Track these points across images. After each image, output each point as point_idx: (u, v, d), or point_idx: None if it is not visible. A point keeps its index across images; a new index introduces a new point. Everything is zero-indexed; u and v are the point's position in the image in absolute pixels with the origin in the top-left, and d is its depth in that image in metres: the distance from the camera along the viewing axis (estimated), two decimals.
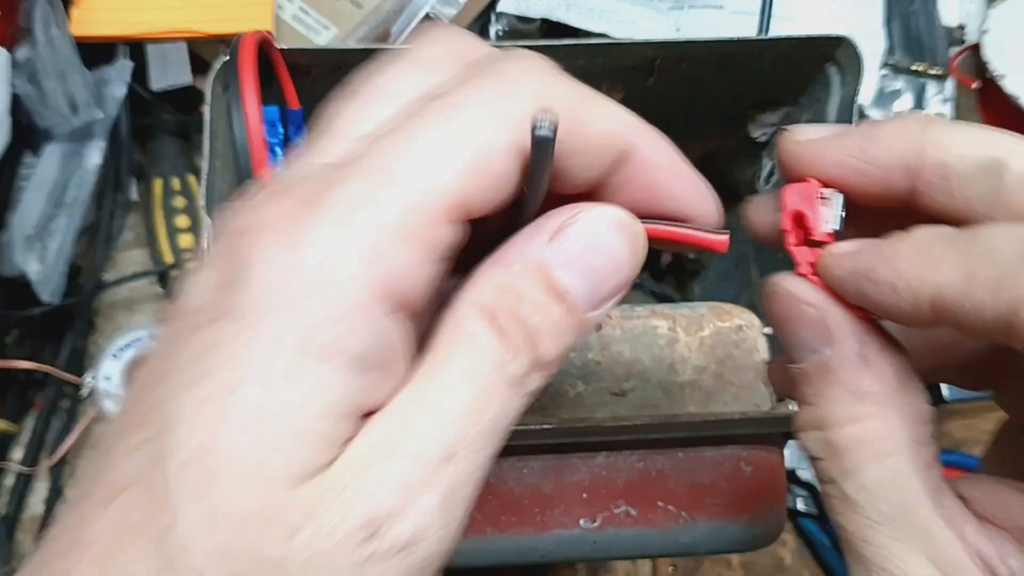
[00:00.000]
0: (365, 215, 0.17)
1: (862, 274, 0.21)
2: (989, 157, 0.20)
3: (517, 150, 0.19)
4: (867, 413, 0.21)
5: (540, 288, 0.19)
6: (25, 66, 0.62)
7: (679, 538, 0.49)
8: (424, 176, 0.18)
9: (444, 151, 0.18)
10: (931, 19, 0.74)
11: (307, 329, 0.17)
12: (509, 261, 0.20)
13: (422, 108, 0.19)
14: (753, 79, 0.49)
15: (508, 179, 0.19)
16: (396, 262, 0.18)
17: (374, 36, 0.67)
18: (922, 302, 0.20)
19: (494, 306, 0.19)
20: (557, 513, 0.48)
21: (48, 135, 0.64)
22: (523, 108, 0.19)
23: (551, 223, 0.20)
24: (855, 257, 0.21)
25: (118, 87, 0.64)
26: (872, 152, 0.22)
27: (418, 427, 0.18)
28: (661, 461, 0.48)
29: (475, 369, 0.19)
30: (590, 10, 0.70)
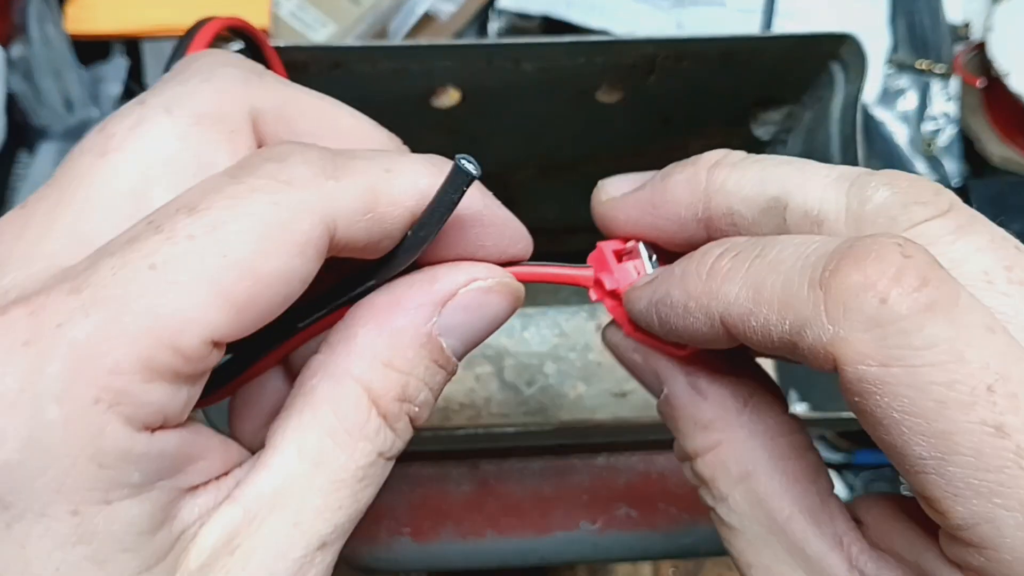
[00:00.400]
0: (95, 364, 0.16)
1: (659, 301, 0.21)
2: (769, 198, 0.20)
3: (299, 262, 0.18)
4: (715, 440, 0.21)
5: (428, 360, 0.20)
6: (20, 64, 0.61)
7: (680, 539, 0.49)
8: (168, 314, 0.16)
9: (194, 283, 0.16)
10: (936, 17, 0.73)
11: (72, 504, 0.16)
12: (397, 331, 0.20)
13: (171, 222, 0.17)
14: (755, 77, 0.49)
15: (289, 290, 0.18)
16: (137, 406, 0.16)
17: (372, 33, 0.67)
18: (714, 321, 0.19)
19: (381, 390, 0.20)
20: (558, 515, 0.48)
21: (44, 133, 0.63)
22: (304, 217, 0.17)
23: (438, 287, 0.20)
24: (651, 287, 0.21)
25: (114, 85, 0.64)
26: (663, 208, 0.22)
27: (286, 519, 0.18)
28: (662, 462, 0.48)
29: (357, 456, 0.19)
30: (591, 7, 0.70)
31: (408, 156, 0.20)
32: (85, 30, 0.63)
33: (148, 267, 0.16)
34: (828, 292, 0.17)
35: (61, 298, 0.16)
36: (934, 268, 0.17)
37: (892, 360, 0.16)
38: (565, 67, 0.47)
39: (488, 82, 0.47)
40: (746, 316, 0.18)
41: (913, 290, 0.16)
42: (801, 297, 0.17)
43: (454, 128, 0.51)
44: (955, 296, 0.16)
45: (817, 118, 0.49)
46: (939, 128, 0.73)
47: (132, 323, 0.16)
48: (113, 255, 0.17)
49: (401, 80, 0.46)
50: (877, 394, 0.16)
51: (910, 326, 0.16)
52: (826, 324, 0.17)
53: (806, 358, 0.17)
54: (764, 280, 0.18)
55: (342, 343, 0.20)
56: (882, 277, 0.16)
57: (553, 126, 0.53)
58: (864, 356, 0.16)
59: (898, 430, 0.16)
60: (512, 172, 0.59)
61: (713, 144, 0.65)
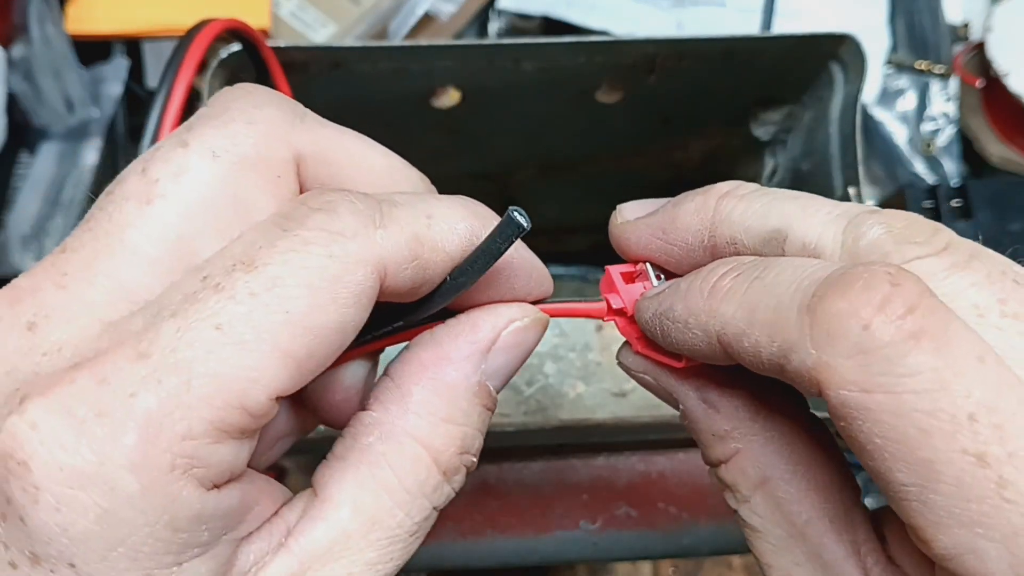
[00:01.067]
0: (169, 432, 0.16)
1: (663, 315, 0.21)
2: (771, 229, 0.21)
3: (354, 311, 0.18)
4: (732, 449, 0.22)
5: (480, 407, 0.21)
6: (20, 64, 0.61)
7: (680, 539, 0.49)
8: (236, 375, 0.16)
9: (258, 342, 0.16)
10: (935, 17, 0.73)
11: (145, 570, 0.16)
12: (450, 386, 0.20)
13: (229, 279, 0.17)
14: (755, 77, 0.49)
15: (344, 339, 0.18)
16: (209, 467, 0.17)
17: (372, 33, 0.67)
18: (712, 339, 0.19)
19: (442, 447, 0.20)
20: (557, 514, 0.48)
21: (44, 134, 0.63)
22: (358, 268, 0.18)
23: (483, 335, 0.21)
24: (658, 299, 0.21)
25: (114, 85, 0.64)
26: (672, 233, 0.23)
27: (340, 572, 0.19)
28: (662, 462, 0.48)
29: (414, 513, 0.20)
30: (591, 7, 0.70)
31: (443, 201, 0.20)
32: (85, 30, 0.63)
33: (214, 327, 0.16)
34: (814, 317, 0.17)
35: (129, 365, 0.16)
36: (924, 297, 0.17)
37: (874, 387, 0.16)
38: (565, 67, 0.47)
39: (488, 82, 0.47)
40: (740, 336, 0.18)
41: (898, 318, 0.16)
42: (790, 321, 0.17)
43: (454, 128, 0.52)
44: (944, 325, 0.16)
45: (817, 118, 0.49)
46: (938, 128, 0.73)
47: (202, 387, 0.16)
48: (175, 316, 0.16)
49: (401, 80, 0.46)
50: (859, 420, 0.16)
51: (893, 353, 0.16)
52: (810, 349, 0.17)
53: (793, 381, 0.18)
54: (759, 302, 0.18)
55: (396, 402, 0.20)
56: (867, 305, 0.16)
57: (553, 126, 0.53)
58: (846, 382, 0.16)
59: (881, 456, 0.16)
60: (512, 172, 0.59)
61: (713, 144, 0.65)
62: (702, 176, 0.60)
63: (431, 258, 0.19)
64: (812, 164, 0.50)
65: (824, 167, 0.48)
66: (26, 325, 0.17)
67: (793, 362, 0.17)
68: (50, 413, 0.16)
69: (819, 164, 0.49)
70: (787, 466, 0.21)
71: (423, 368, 0.20)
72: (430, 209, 0.19)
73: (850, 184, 0.45)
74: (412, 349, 0.21)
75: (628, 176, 0.60)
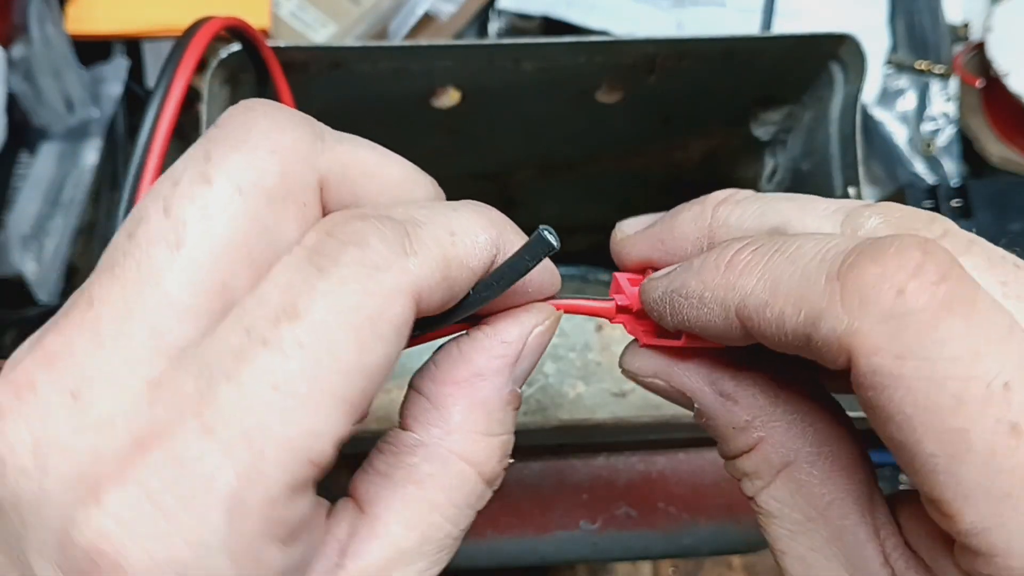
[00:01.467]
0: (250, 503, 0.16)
1: (674, 291, 0.21)
2: (769, 228, 0.21)
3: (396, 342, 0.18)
4: (755, 438, 0.21)
5: (512, 412, 0.22)
6: (20, 64, 0.61)
7: (680, 539, 0.49)
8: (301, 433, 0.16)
9: (316, 395, 0.16)
10: (935, 17, 0.73)
11: None
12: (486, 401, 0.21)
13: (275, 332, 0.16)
14: (755, 77, 0.49)
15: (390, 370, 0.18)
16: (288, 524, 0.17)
17: (373, 33, 0.67)
18: (729, 313, 0.19)
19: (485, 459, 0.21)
20: (557, 515, 0.48)
21: (44, 134, 0.63)
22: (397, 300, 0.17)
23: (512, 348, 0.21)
24: (668, 277, 0.21)
25: (114, 85, 0.64)
26: (670, 243, 0.23)
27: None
28: (662, 462, 0.48)
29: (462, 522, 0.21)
30: (591, 7, 0.70)
31: (462, 213, 0.20)
32: (85, 30, 0.63)
33: (271, 388, 0.16)
34: (845, 284, 0.17)
35: (198, 441, 0.16)
36: (954, 267, 0.16)
37: (908, 353, 0.16)
38: (565, 67, 0.47)
39: (488, 82, 0.47)
40: (761, 308, 0.18)
41: (932, 284, 0.16)
42: (818, 289, 0.17)
43: (454, 128, 0.52)
44: (974, 295, 0.16)
45: (817, 118, 0.49)
46: (938, 128, 0.73)
47: (274, 454, 0.16)
48: (230, 379, 0.16)
49: (401, 80, 0.46)
50: (890, 388, 0.16)
51: (928, 320, 0.16)
52: (841, 315, 0.16)
53: (820, 351, 0.17)
54: (782, 272, 0.18)
55: (437, 423, 0.21)
56: (901, 270, 0.16)
57: (553, 126, 0.53)
58: (879, 348, 0.16)
59: (910, 426, 0.16)
60: (512, 172, 0.59)
61: (713, 144, 0.65)
62: (702, 176, 0.60)
63: (458, 276, 0.19)
64: (812, 164, 0.50)
65: (824, 167, 0.48)
66: (70, 394, 0.16)
67: (822, 330, 0.17)
68: (132, 503, 0.15)
69: (819, 164, 0.49)
70: (811, 448, 0.21)
71: (458, 387, 0.21)
72: (452, 225, 0.19)
73: (850, 184, 0.45)
74: (442, 366, 0.21)
75: (628, 176, 0.60)
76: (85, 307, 0.17)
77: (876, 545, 0.20)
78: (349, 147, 0.20)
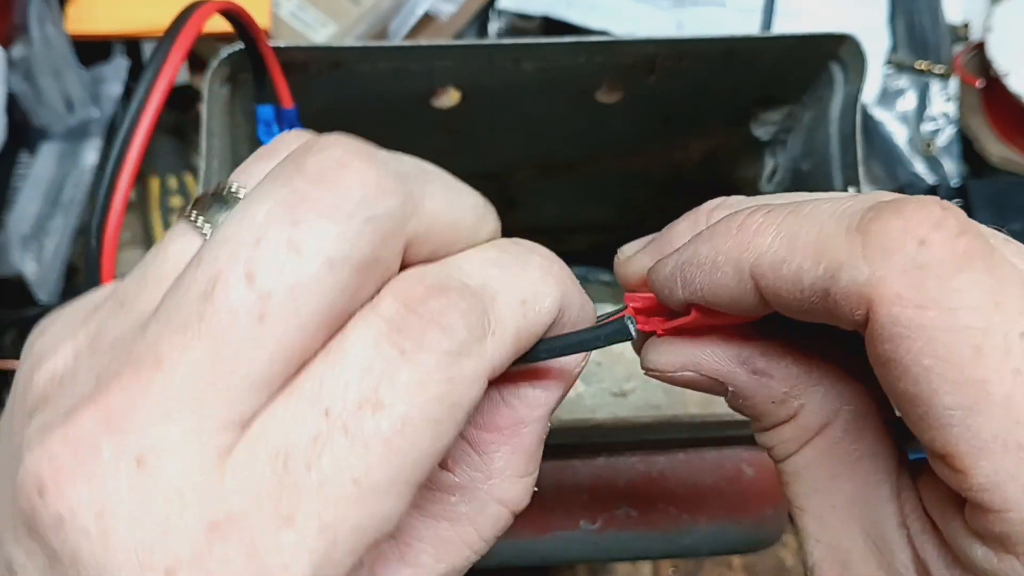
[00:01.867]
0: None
1: (684, 263, 0.21)
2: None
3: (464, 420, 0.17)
4: (795, 407, 0.21)
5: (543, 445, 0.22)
6: (21, 64, 0.61)
7: (680, 539, 0.49)
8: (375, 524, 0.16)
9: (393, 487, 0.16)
10: (935, 17, 0.73)
11: None
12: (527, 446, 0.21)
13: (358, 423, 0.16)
14: (755, 77, 0.49)
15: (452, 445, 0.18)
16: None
17: (373, 33, 0.67)
18: (743, 274, 0.19)
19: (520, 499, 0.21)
20: (558, 515, 0.48)
21: (44, 134, 0.63)
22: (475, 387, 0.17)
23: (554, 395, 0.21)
24: (677, 252, 0.21)
25: (114, 85, 0.64)
26: None
27: None
28: (662, 462, 0.48)
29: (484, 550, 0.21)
30: (591, 7, 0.70)
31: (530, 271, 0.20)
32: (86, 30, 0.63)
33: (352, 482, 0.15)
34: (867, 235, 0.17)
35: (276, 532, 0.15)
36: (972, 224, 0.17)
37: (929, 303, 0.16)
38: (565, 67, 0.47)
39: (488, 82, 0.47)
40: (778, 264, 0.18)
41: (953, 236, 0.16)
42: (838, 242, 0.17)
43: (454, 128, 0.52)
44: (990, 250, 0.17)
45: (817, 118, 0.49)
46: (938, 128, 0.73)
47: (349, 543, 0.16)
48: (309, 469, 0.15)
49: (401, 80, 0.46)
50: (910, 338, 0.16)
51: (949, 269, 0.16)
52: (863, 266, 0.17)
53: (837, 304, 0.17)
54: (799, 229, 0.18)
55: (478, 468, 0.21)
56: (923, 223, 0.16)
57: (553, 126, 0.53)
58: (900, 297, 0.16)
59: (927, 378, 0.16)
60: (512, 172, 0.59)
61: (713, 144, 0.65)
62: (702, 176, 0.60)
63: (526, 345, 0.19)
64: (812, 164, 0.50)
65: (824, 167, 0.48)
66: (136, 460, 0.15)
67: (842, 281, 0.17)
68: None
69: (819, 164, 0.49)
70: (849, 406, 0.21)
71: (501, 434, 0.21)
72: (523, 292, 0.19)
73: (850, 184, 0.46)
74: (485, 413, 0.21)
75: (628, 176, 0.60)
76: (153, 366, 0.16)
77: (896, 505, 0.20)
78: (431, 194, 0.19)
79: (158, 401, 0.15)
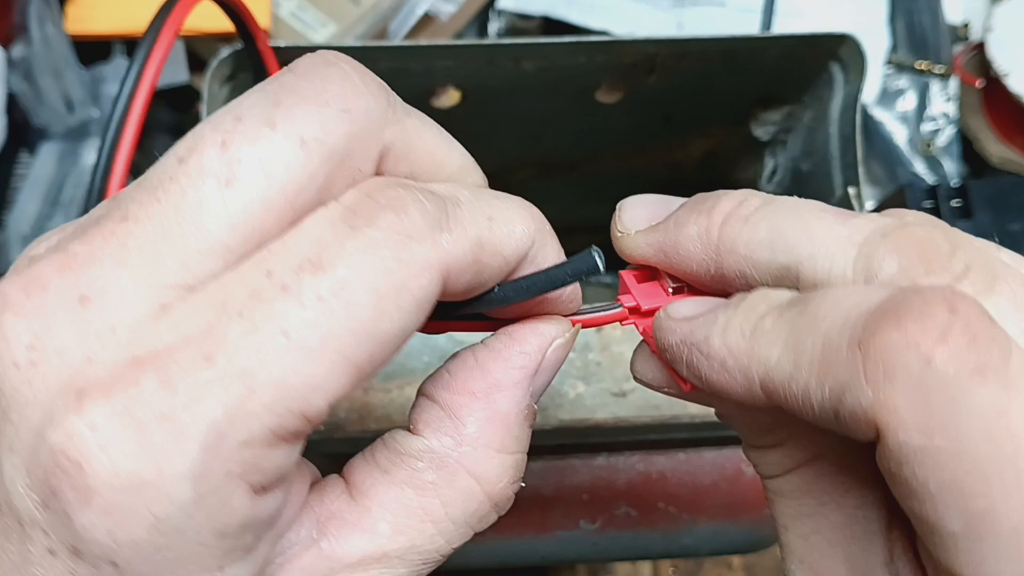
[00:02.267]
0: (230, 439, 0.15)
1: (695, 345, 0.19)
2: (780, 266, 0.19)
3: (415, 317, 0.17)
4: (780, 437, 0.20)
5: (528, 429, 0.21)
6: (20, 64, 0.61)
7: (680, 539, 0.49)
8: (299, 383, 0.16)
9: (323, 349, 0.16)
10: (935, 17, 0.73)
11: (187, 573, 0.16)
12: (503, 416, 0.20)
13: (297, 281, 0.16)
14: (756, 77, 0.49)
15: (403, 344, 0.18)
16: (263, 473, 0.16)
17: (373, 33, 0.67)
18: (753, 385, 0.18)
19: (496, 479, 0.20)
20: (557, 515, 0.48)
21: (44, 134, 0.63)
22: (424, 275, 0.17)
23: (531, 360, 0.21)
24: (687, 326, 0.20)
25: (114, 85, 0.64)
26: (675, 259, 0.21)
27: None
28: (662, 462, 0.48)
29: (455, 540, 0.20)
30: (591, 7, 0.70)
31: (503, 201, 0.20)
32: (86, 30, 0.63)
33: (280, 333, 0.15)
34: (867, 352, 0.15)
35: (194, 368, 0.15)
36: (984, 322, 0.15)
37: (935, 428, 0.15)
38: (565, 67, 0.47)
39: (488, 82, 0.47)
40: (787, 382, 0.17)
41: (961, 349, 0.15)
42: (840, 359, 0.16)
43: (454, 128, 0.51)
44: (1007, 355, 0.15)
45: (817, 118, 0.49)
46: (938, 128, 0.73)
47: (266, 395, 0.15)
48: (242, 316, 0.16)
49: (401, 80, 0.46)
50: (916, 465, 0.15)
51: (957, 391, 0.15)
52: (865, 388, 0.15)
53: (848, 427, 0.16)
54: (804, 341, 0.17)
55: (449, 433, 0.20)
56: (926, 335, 0.15)
57: (553, 126, 0.53)
58: (905, 423, 0.15)
59: (933, 504, 0.15)
60: (512, 172, 0.59)
61: (713, 144, 0.65)
62: (702, 176, 0.60)
63: (489, 262, 0.19)
64: (812, 164, 0.50)
65: (824, 167, 0.48)
66: (78, 298, 0.16)
67: (847, 404, 0.16)
68: (112, 416, 0.15)
69: (819, 164, 0.49)
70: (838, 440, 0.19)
71: (475, 398, 0.20)
72: (491, 210, 0.19)
73: (850, 184, 0.45)
74: (458, 376, 0.20)
75: (628, 176, 0.60)
76: (118, 220, 0.16)
77: (885, 543, 0.19)
78: (416, 123, 0.20)
79: (114, 250, 0.16)
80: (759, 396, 0.18)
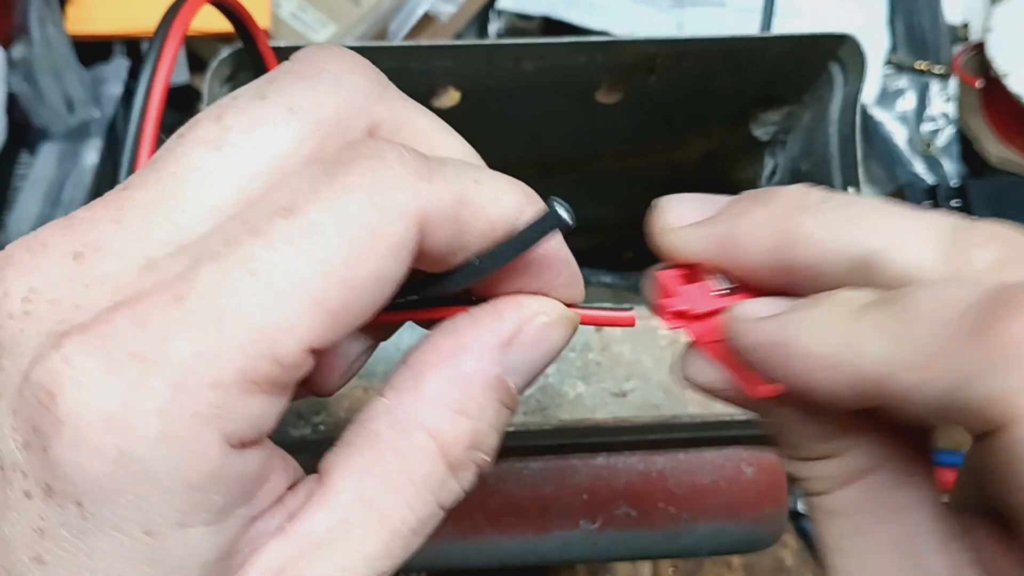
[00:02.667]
0: (198, 378, 0.15)
1: (781, 344, 0.18)
2: (855, 257, 0.18)
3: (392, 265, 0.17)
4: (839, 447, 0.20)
5: (497, 403, 0.20)
6: (21, 64, 0.61)
7: (680, 539, 0.49)
8: (268, 324, 0.16)
9: (293, 291, 0.16)
10: (935, 17, 0.74)
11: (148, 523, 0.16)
12: (466, 377, 0.19)
13: (268, 225, 0.16)
14: (755, 77, 0.49)
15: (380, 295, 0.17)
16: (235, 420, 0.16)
17: (373, 34, 0.67)
18: (856, 380, 0.17)
19: (451, 439, 0.19)
20: (557, 514, 0.48)
21: (45, 134, 0.63)
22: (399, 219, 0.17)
23: (505, 327, 0.20)
24: (777, 324, 0.19)
25: (115, 85, 0.64)
26: (736, 253, 0.20)
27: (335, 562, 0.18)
28: (662, 462, 0.48)
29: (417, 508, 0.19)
30: (591, 7, 0.70)
31: (496, 174, 0.20)
32: (86, 30, 0.64)
33: (248, 273, 0.16)
34: (993, 342, 0.15)
35: (166, 307, 0.16)
36: None
37: None
38: (565, 67, 0.47)
39: (488, 82, 0.47)
40: (899, 375, 0.16)
41: None
42: (961, 350, 0.15)
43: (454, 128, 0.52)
44: None
45: (816, 118, 0.49)
46: (938, 128, 0.73)
47: (234, 335, 0.16)
48: (215, 259, 0.16)
49: (401, 80, 0.46)
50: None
51: None
52: (994, 377, 0.15)
53: (964, 418, 0.16)
54: (916, 334, 0.16)
55: (409, 390, 0.19)
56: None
57: (553, 126, 0.53)
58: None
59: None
60: (512, 172, 0.59)
61: (713, 144, 0.65)
62: (702, 176, 0.60)
63: (472, 223, 0.18)
64: (812, 164, 0.50)
65: (824, 167, 0.48)
66: (73, 254, 0.17)
67: (969, 395, 0.15)
68: (85, 351, 0.15)
69: (819, 164, 0.49)
70: (899, 451, 0.19)
71: (440, 357, 0.20)
72: (479, 175, 0.19)
73: (850, 184, 0.46)
74: (430, 337, 0.20)
75: (628, 176, 0.60)
76: (119, 190, 0.18)
77: (947, 557, 0.18)
78: (409, 107, 0.20)
79: (112, 213, 0.17)
80: (861, 393, 0.17)
